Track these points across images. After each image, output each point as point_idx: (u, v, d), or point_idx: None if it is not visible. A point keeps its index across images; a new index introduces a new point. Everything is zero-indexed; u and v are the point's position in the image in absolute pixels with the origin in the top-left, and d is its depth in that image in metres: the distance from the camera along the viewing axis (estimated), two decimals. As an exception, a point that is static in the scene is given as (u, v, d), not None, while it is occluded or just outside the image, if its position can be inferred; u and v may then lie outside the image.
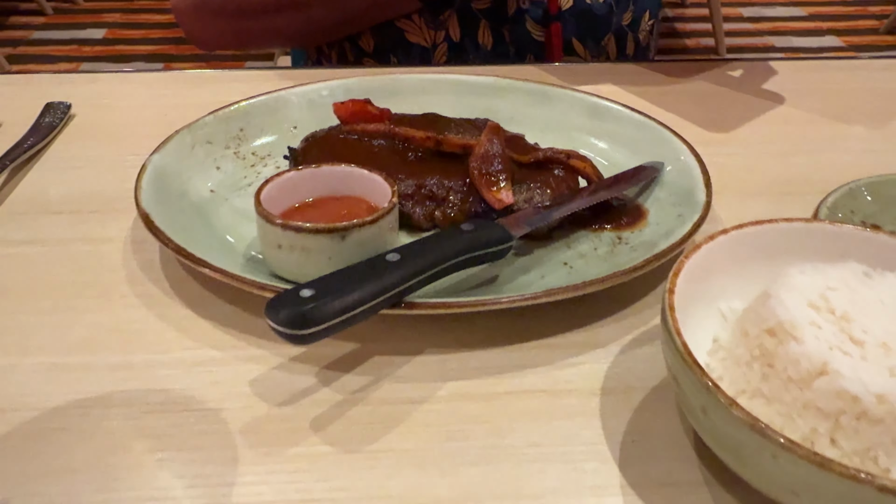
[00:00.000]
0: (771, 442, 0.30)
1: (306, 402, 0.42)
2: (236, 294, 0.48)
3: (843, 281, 0.37)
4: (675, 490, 0.38)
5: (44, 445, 0.39)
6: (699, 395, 0.33)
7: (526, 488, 0.38)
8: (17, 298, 0.49)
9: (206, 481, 0.38)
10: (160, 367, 0.44)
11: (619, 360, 0.45)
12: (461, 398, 0.43)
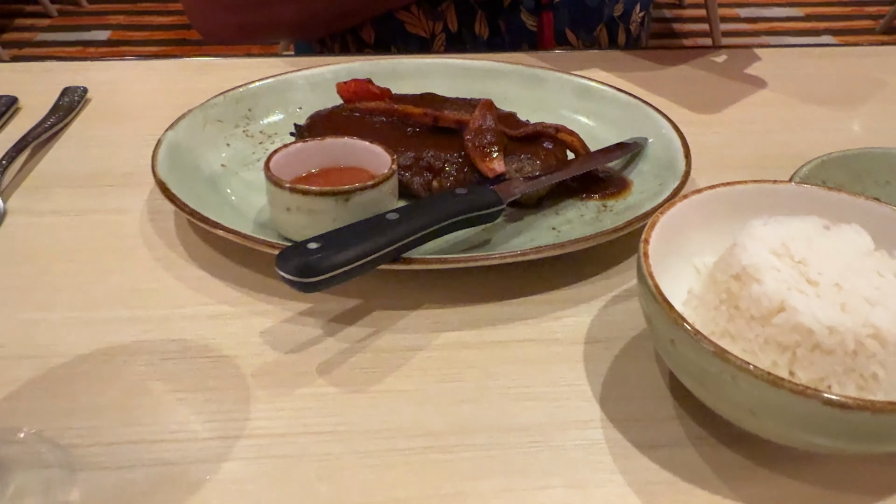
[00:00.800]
0: (730, 365, 0.34)
1: (312, 350, 0.46)
2: (247, 256, 0.52)
3: (802, 231, 0.41)
4: (650, 423, 0.41)
5: (72, 387, 0.43)
6: (668, 328, 0.37)
7: (513, 422, 0.41)
8: (44, 262, 0.53)
9: (222, 417, 0.41)
10: (177, 321, 0.48)
11: (602, 313, 0.49)
12: (455, 346, 0.46)
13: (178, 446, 0.40)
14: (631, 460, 0.39)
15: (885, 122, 0.72)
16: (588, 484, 0.38)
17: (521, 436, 0.40)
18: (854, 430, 0.33)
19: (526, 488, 0.38)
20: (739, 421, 0.37)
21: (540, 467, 0.39)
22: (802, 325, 0.36)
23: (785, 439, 0.36)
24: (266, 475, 0.38)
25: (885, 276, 0.38)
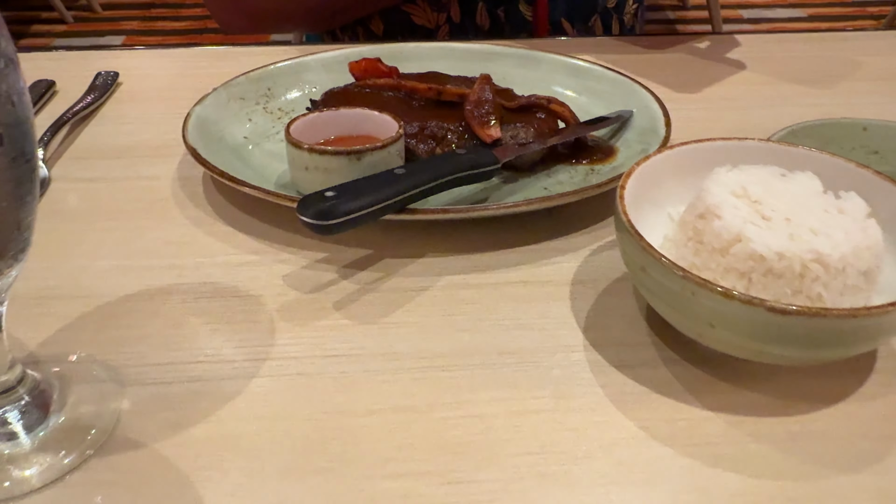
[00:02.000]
0: (690, 282, 0.39)
1: (329, 291, 0.52)
2: (269, 212, 0.58)
3: (760, 177, 0.46)
4: (627, 347, 0.47)
5: (118, 321, 0.49)
6: (639, 255, 0.42)
7: (506, 347, 0.47)
8: (86, 220, 0.59)
9: (250, 343, 0.47)
10: (208, 268, 0.54)
11: (587, 260, 0.54)
12: (456, 287, 0.52)
13: (212, 366, 0.45)
14: (609, 376, 0.45)
15: (856, 98, 0.77)
16: (571, 395, 0.44)
17: (513, 357, 0.46)
18: (794, 334, 0.38)
19: (517, 398, 0.43)
20: (701, 336, 0.43)
21: (529, 382, 0.44)
22: (756, 252, 0.42)
23: (739, 349, 0.42)
24: (289, 388, 0.44)
25: (829, 213, 0.44)
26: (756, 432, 0.41)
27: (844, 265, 0.41)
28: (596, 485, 0.38)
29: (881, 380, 0.45)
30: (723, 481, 0.39)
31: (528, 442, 0.41)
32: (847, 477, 0.39)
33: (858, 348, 0.41)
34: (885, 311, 0.38)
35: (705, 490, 0.38)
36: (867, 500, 0.38)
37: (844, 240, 0.42)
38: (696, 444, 0.41)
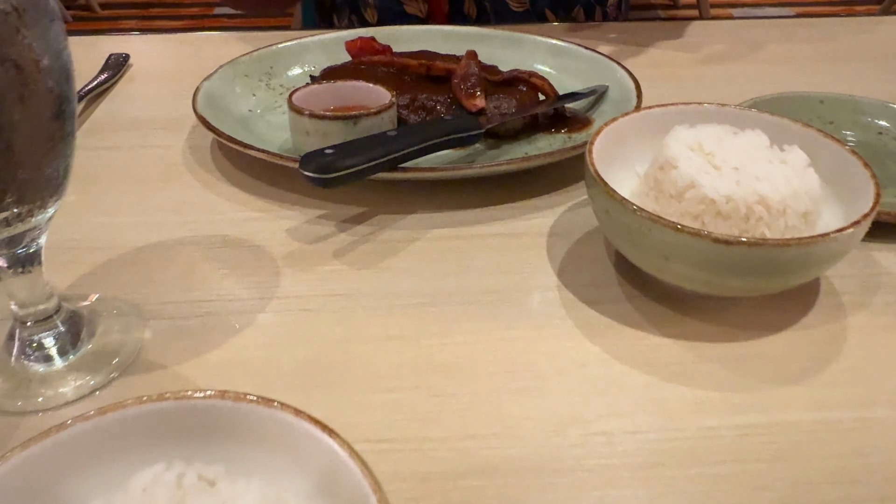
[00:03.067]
0: (646, 219, 0.45)
1: (328, 242, 0.57)
2: (273, 175, 0.63)
3: (714, 133, 0.52)
4: (596, 287, 0.52)
5: (137, 267, 0.54)
6: (603, 200, 0.48)
7: (488, 287, 0.52)
8: (105, 184, 0.64)
9: (259, 285, 0.52)
10: (218, 223, 0.59)
11: (563, 216, 0.60)
12: (442, 239, 0.57)
13: (224, 304, 0.51)
14: (579, 311, 0.50)
15: (818, 77, 0.83)
16: (545, 326, 0.49)
17: (494, 296, 0.51)
18: (736, 263, 0.44)
19: (496, 328, 0.49)
20: (658, 270, 0.48)
21: (507, 315, 0.50)
22: (707, 196, 0.47)
23: (691, 281, 0.47)
24: (293, 322, 0.49)
25: (773, 163, 0.49)
26: (706, 355, 0.47)
27: (784, 207, 0.47)
28: (565, 396, 0.44)
29: (820, 312, 0.50)
30: (675, 393, 0.44)
31: (505, 363, 0.46)
32: (783, 389, 0.44)
33: (795, 277, 0.46)
34: (815, 241, 0.43)
35: (660, 400, 0.44)
36: (799, 406, 0.43)
37: (785, 185, 0.47)
38: (653, 365, 0.46)
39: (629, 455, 0.40)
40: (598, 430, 0.42)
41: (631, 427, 0.42)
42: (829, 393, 0.44)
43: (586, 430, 0.42)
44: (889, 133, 0.68)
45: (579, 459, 0.40)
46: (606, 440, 0.41)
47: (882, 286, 0.53)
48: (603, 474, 0.39)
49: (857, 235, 0.45)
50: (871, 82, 0.81)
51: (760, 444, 0.41)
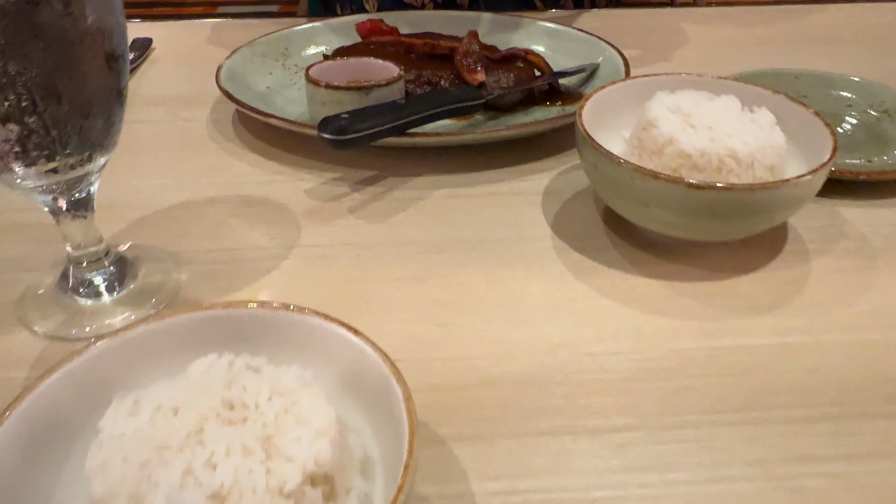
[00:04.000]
0: (628, 169, 0.51)
1: (343, 200, 0.63)
2: (291, 143, 0.69)
3: (692, 98, 0.57)
4: (586, 237, 0.58)
5: (170, 222, 0.60)
6: (591, 154, 0.54)
7: (489, 237, 0.58)
8: (136, 152, 0.70)
9: (281, 235, 0.58)
10: (242, 185, 0.65)
11: (557, 177, 0.66)
12: (447, 197, 0.63)
13: (251, 252, 0.57)
14: (569, 256, 0.56)
15: (798, 57, 0.89)
16: (539, 269, 0.55)
17: (495, 244, 0.57)
18: (708, 207, 0.49)
19: (495, 272, 0.54)
20: (640, 217, 0.54)
21: (505, 261, 0.55)
22: (684, 151, 0.53)
23: (669, 226, 0.53)
24: (314, 266, 0.55)
25: (743, 122, 0.55)
26: (682, 291, 0.52)
27: (753, 160, 0.52)
28: (556, 326, 0.49)
29: (787, 257, 0.56)
30: (653, 322, 0.50)
31: (503, 299, 0.52)
32: (749, 319, 0.50)
33: (762, 221, 0.52)
34: (777, 185, 0.49)
35: (640, 328, 0.49)
36: (763, 332, 0.49)
37: (753, 140, 0.53)
38: (634, 300, 0.52)
39: (612, 371, 0.46)
40: (585, 352, 0.47)
41: (614, 350, 0.48)
42: (790, 322, 0.50)
43: (575, 352, 0.47)
44: (857, 106, 0.74)
45: (568, 375, 0.46)
46: (592, 360, 0.47)
47: (843, 236, 0.58)
48: (589, 386, 0.45)
49: (815, 182, 0.51)
50: (844, 62, 0.86)
51: (727, 363, 0.47)
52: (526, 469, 0.40)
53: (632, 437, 0.42)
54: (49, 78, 0.39)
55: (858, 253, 0.56)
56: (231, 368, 0.34)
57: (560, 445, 0.41)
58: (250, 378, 0.34)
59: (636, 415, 0.43)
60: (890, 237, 0.58)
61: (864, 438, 0.42)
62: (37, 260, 0.55)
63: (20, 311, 0.50)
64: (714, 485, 0.39)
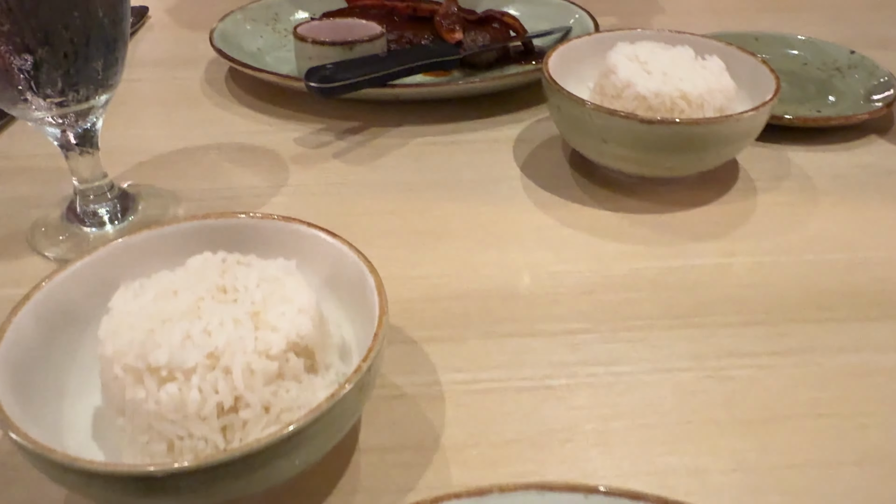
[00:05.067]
0: (588, 108, 0.55)
1: (328, 147, 0.67)
2: (280, 98, 0.74)
3: (650, 48, 0.62)
4: (553, 178, 0.63)
5: (168, 166, 0.65)
6: (555, 97, 0.58)
7: (463, 179, 0.63)
8: (134, 107, 0.75)
9: (271, 178, 0.63)
10: (235, 135, 0.69)
11: (528, 127, 0.70)
12: (425, 144, 0.68)
13: (244, 190, 0.61)
14: (538, 194, 0.61)
15: (763, 23, 0.93)
16: (509, 204, 0.59)
17: (468, 184, 0.62)
18: (658, 140, 0.54)
19: (469, 206, 0.59)
20: (600, 154, 0.58)
21: (479, 197, 0.60)
22: (640, 93, 0.58)
23: (625, 161, 0.58)
24: (301, 202, 0.60)
25: (695, 69, 0.59)
26: (639, 222, 0.57)
27: (703, 102, 0.57)
28: (522, 250, 0.54)
29: (736, 193, 0.61)
30: (611, 247, 0.55)
31: (474, 230, 0.57)
32: (698, 244, 0.55)
33: (710, 155, 0.57)
34: (719, 120, 0.54)
35: (598, 253, 0.54)
36: (709, 254, 0.54)
37: (703, 84, 0.58)
38: (594, 229, 0.57)
39: (570, 286, 0.51)
40: (546, 271, 0.52)
41: (573, 269, 0.53)
42: (733, 247, 0.55)
43: (537, 271, 0.52)
44: (812, 64, 0.79)
45: (531, 289, 0.51)
46: (553, 278, 0.52)
47: (789, 175, 0.63)
48: (549, 298, 0.50)
49: (757, 119, 0.56)
50: (804, 27, 0.91)
51: (674, 279, 0.52)
52: (488, 363, 0.45)
53: (585, 339, 0.47)
54: (60, 12, 0.44)
55: (802, 190, 0.61)
56: (224, 262, 0.39)
57: (520, 345, 0.46)
58: (241, 269, 0.38)
59: (590, 321, 0.48)
60: (832, 178, 0.63)
61: (792, 338, 0.47)
62: (44, 198, 0.60)
63: (32, 239, 0.55)
64: (654, 374, 0.44)
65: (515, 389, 0.43)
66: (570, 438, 0.40)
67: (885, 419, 0.41)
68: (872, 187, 0.62)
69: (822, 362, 0.45)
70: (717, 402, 0.42)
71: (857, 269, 0.53)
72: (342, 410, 0.33)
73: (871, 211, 0.59)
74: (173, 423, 0.33)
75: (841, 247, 0.55)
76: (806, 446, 0.40)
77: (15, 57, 0.44)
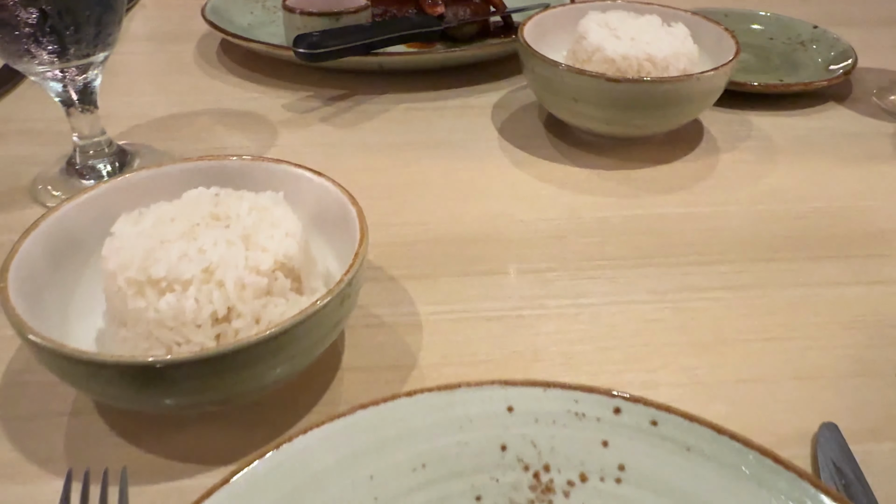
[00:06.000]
0: (559, 69, 0.59)
1: (316, 113, 0.71)
2: (270, 68, 0.77)
3: (619, 16, 0.66)
4: (528, 139, 0.66)
5: (163, 129, 0.68)
6: (530, 60, 0.62)
7: (444, 139, 0.66)
8: (127, 77, 0.78)
9: (261, 140, 0.66)
10: (226, 101, 0.73)
11: (505, 95, 0.74)
12: (409, 110, 0.71)
13: (234, 150, 0.64)
14: (514, 153, 0.64)
15: (736, 2, 0.97)
16: (487, 162, 0.63)
17: (448, 145, 0.65)
18: (626, 99, 0.58)
19: (450, 163, 0.63)
20: (571, 113, 0.62)
21: (459, 156, 0.64)
22: (609, 56, 0.61)
23: (594, 120, 0.61)
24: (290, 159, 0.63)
25: (661, 34, 0.63)
26: (608, 177, 0.61)
27: (667, 64, 0.61)
28: (497, 202, 0.58)
29: (700, 153, 0.64)
30: (581, 199, 0.58)
31: (452, 183, 0.60)
32: (663, 195, 0.59)
33: (674, 113, 0.60)
34: (681, 79, 0.57)
35: (569, 203, 0.58)
36: (672, 205, 0.57)
37: (668, 48, 0.61)
38: (566, 184, 0.60)
39: (542, 232, 0.54)
40: (519, 219, 0.56)
41: (545, 218, 0.56)
42: (696, 198, 0.59)
43: (511, 220, 0.56)
44: (777, 38, 0.83)
45: (505, 235, 0.54)
46: (525, 225, 0.55)
47: (751, 137, 0.67)
48: (521, 242, 0.53)
49: (716, 79, 0.59)
50: (773, 6, 0.95)
51: (639, 226, 0.55)
52: (463, 297, 0.48)
53: (554, 276, 0.50)
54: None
55: (762, 150, 0.65)
56: (217, 195, 0.42)
57: (493, 281, 0.50)
58: (233, 200, 0.42)
59: (559, 261, 0.52)
60: (791, 139, 0.67)
61: (746, 276, 0.50)
62: (45, 156, 0.63)
63: (33, 192, 0.58)
64: (616, 306, 0.48)
65: (487, 318, 0.47)
66: (537, 359, 0.44)
67: (826, 342, 0.45)
68: (828, 148, 0.66)
69: (771, 295, 0.49)
70: (673, 328, 0.46)
71: (807, 217, 0.56)
72: (324, 317, 0.36)
73: (825, 168, 0.63)
74: (171, 330, 0.36)
75: (794, 199, 0.59)
76: (752, 365, 0.43)
77: (21, 10, 0.47)
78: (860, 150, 0.65)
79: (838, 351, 0.44)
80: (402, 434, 0.34)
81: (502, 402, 0.35)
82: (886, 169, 0.63)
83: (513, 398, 0.35)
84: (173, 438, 0.39)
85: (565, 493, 0.33)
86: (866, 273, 0.51)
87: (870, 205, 0.58)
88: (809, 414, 0.40)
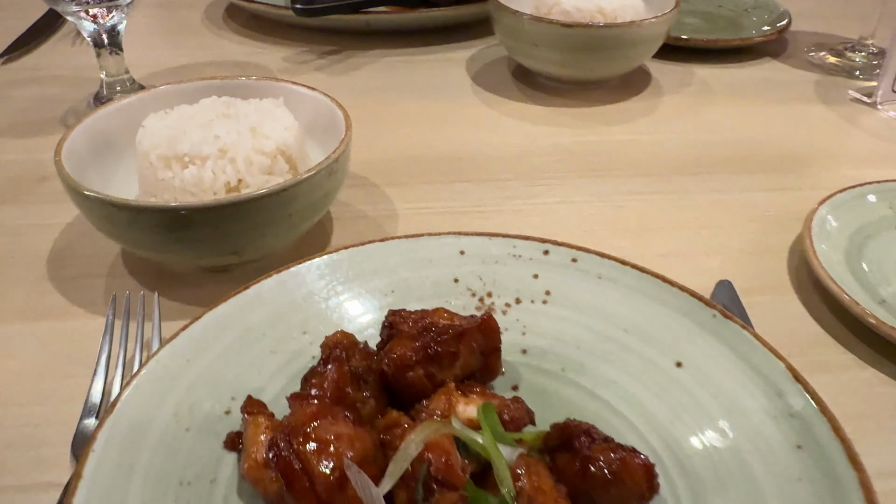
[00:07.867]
0: (521, 17, 0.68)
1: (311, 64, 0.80)
2: (271, 28, 0.86)
3: (577, -23, 0.75)
4: (496, 85, 0.76)
5: (175, 75, 0.77)
6: (497, 12, 0.71)
7: (426, 87, 0.76)
8: (143, 37, 0.87)
9: (262, 84, 0.75)
10: (231, 55, 0.82)
11: (480, 51, 0.83)
12: (394, 62, 0.80)
13: (239, 92, 0.73)
14: (483, 95, 0.73)
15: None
16: (459, 103, 0.72)
17: (426, 89, 0.75)
18: (577, 42, 0.67)
19: (425, 104, 0.72)
20: (531, 58, 0.71)
21: (434, 98, 0.73)
22: (565, 9, 0.71)
23: (552, 63, 0.70)
24: (288, 100, 0.72)
25: (612, -9, 0.73)
26: (563, 114, 0.70)
27: (616, 15, 0.70)
28: (466, 132, 0.67)
29: (647, 96, 0.74)
30: (538, 129, 0.67)
31: (428, 117, 0.69)
32: (611, 127, 0.68)
33: (620, 56, 0.69)
34: (626, 26, 0.67)
35: (530, 132, 0.67)
36: (618, 134, 0.67)
37: (617, 1, 0.71)
38: (526, 118, 0.69)
39: (504, 152, 0.64)
40: (486, 144, 0.65)
41: (507, 143, 0.65)
42: (639, 128, 0.68)
43: (477, 144, 0.65)
44: (725, 6, 0.92)
45: (471, 154, 0.63)
46: (490, 147, 0.65)
47: (692, 84, 0.77)
48: (486, 160, 0.63)
49: (657, 26, 0.69)
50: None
51: (588, 149, 0.64)
52: (434, 197, 0.58)
53: (511, 184, 0.59)
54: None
55: (701, 94, 0.75)
56: (227, 101, 0.52)
57: (460, 188, 0.59)
58: (241, 103, 0.51)
59: (517, 173, 0.61)
60: (728, 85, 0.76)
61: (674, 184, 0.60)
62: (73, 95, 0.72)
63: (66, 120, 0.67)
64: (562, 204, 0.57)
65: (453, 213, 0.56)
66: (492, 241, 0.53)
67: (733, 230, 0.54)
68: (760, 92, 0.75)
69: (692, 198, 0.58)
70: (608, 220, 0.55)
71: (733, 144, 0.66)
72: (316, 184, 0.45)
73: (755, 108, 0.72)
74: (193, 196, 0.45)
75: (724, 129, 0.68)
76: (670, 244, 0.53)
77: (62, -45, 0.56)
78: (786, 94, 0.75)
79: (743, 236, 0.54)
80: (377, 269, 0.43)
81: (456, 247, 0.44)
82: (806, 108, 0.72)
83: (464, 244, 0.44)
84: (191, 292, 0.47)
85: (503, 311, 0.42)
86: (774, 182, 0.60)
87: (788, 134, 0.67)
88: (712, 277, 0.49)
